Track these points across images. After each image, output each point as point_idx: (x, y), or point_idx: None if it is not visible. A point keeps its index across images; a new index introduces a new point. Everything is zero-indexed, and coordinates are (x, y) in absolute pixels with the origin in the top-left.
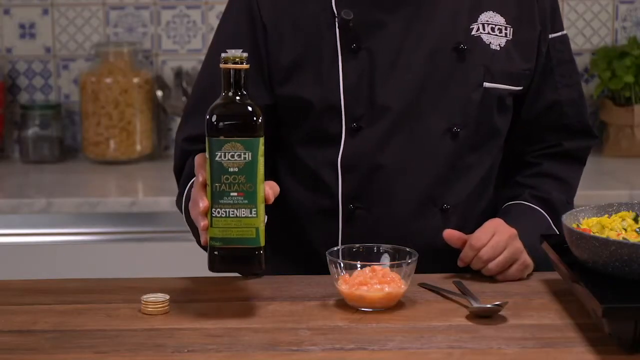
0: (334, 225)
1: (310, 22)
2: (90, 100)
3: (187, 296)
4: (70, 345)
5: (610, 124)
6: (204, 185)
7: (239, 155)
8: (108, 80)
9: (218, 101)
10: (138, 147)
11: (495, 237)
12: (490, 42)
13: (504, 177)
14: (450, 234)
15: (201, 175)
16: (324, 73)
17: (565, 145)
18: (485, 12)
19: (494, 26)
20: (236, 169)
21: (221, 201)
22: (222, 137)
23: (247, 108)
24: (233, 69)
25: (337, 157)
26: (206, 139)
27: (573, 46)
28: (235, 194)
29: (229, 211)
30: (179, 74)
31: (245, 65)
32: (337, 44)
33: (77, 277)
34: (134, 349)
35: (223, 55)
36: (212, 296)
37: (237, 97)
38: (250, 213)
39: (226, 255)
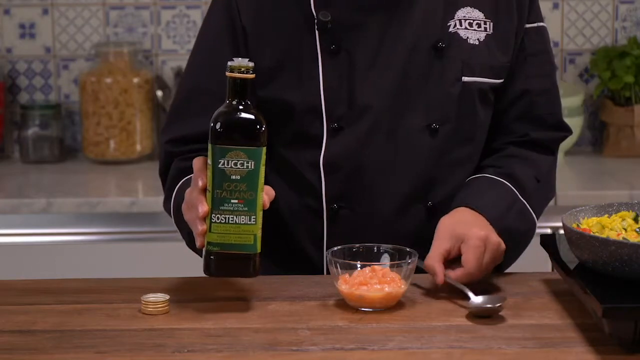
0: (319, 225)
1: (290, 25)
2: (90, 100)
3: (187, 296)
4: (70, 345)
5: (610, 124)
6: (204, 190)
7: (242, 164)
8: (108, 80)
9: (222, 109)
10: (138, 147)
11: (487, 256)
12: (467, 37)
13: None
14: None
15: (201, 180)
16: (304, 75)
17: (532, 135)
18: (462, 9)
19: (472, 21)
20: (238, 177)
21: (221, 207)
22: (225, 145)
23: (252, 117)
24: (239, 78)
25: (319, 157)
26: (209, 145)
27: (573, 46)
28: (236, 201)
29: (228, 217)
30: (179, 74)
31: (251, 75)
32: (316, 46)
33: (77, 277)
34: (134, 349)
35: (230, 63)
36: (212, 296)
37: (241, 106)
38: (250, 220)
39: (223, 260)
